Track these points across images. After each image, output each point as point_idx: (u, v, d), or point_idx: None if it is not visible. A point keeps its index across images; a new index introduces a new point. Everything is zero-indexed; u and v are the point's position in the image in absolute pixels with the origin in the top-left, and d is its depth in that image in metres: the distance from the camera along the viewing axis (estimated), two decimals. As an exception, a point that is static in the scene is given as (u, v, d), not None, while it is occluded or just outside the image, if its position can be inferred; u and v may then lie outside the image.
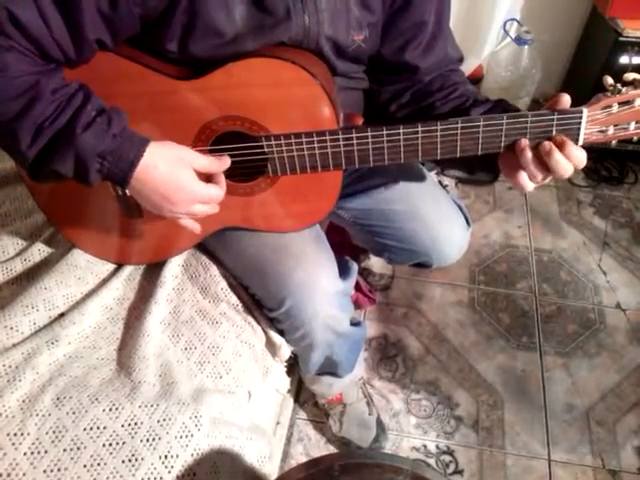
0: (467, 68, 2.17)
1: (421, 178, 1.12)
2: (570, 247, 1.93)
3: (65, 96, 0.72)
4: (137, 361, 0.90)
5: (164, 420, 0.81)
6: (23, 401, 0.81)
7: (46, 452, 0.76)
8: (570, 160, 0.80)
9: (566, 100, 0.82)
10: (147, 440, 0.79)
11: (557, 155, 0.80)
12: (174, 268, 1.04)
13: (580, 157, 0.81)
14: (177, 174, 0.79)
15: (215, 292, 1.03)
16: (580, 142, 0.83)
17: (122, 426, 0.80)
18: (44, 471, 0.75)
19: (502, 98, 0.94)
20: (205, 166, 0.82)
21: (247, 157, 0.87)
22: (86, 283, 1.01)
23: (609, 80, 0.80)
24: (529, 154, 0.81)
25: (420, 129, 0.83)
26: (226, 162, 0.85)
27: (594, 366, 1.58)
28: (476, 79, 2.28)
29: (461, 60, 1.05)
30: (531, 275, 1.83)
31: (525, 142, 0.82)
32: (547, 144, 0.81)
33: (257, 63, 0.80)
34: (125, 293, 1.03)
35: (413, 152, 0.85)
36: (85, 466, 0.76)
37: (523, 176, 0.83)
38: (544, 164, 0.81)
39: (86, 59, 0.78)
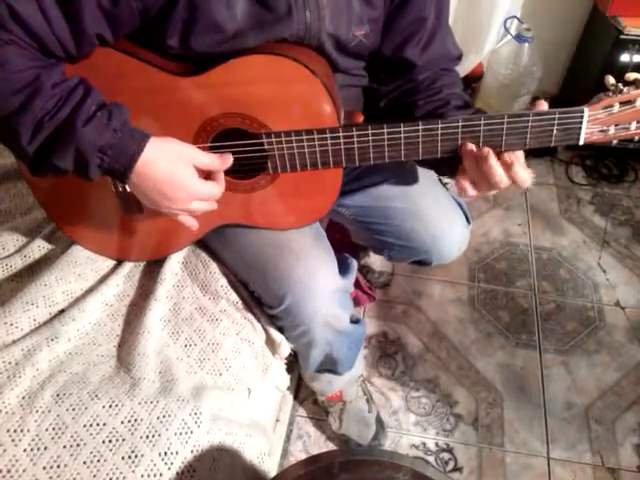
0: (467, 66, 2.17)
1: (421, 176, 1.12)
2: (570, 245, 1.93)
3: (65, 90, 0.72)
4: (137, 358, 0.90)
5: (164, 417, 0.81)
6: (23, 398, 0.81)
7: (46, 448, 0.76)
8: (514, 180, 0.83)
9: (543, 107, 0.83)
10: (147, 437, 0.79)
11: (491, 160, 0.81)
12: (174, 265, 1.04)
13: (524, 177, 0.83)
14: (177, 171, 0.78)
15: (215, 289, 1.03)
16: (581, 141, 0.83)
17: (122, 423, 0.80)
18: (44, 467, 0.75)
19: (479, 108, 0.95)
20: (207, 164, 0.82)
21: (247, 154, 0.87)
22: (86, 280, 1.01)
23: (610, 80, 0.80)
24: (473, 161, 0.83)
25: (421, 127, 0.83)
26: (228, 160, 0.84)
27: (593, 364, 1.58)
28: (476, 77, 2.28)
29: (460, 58, 1.05)
30: (531, 273, 1.83)
31: (470, 146, 0.83)
32: (485, 149, 0.82)
33: (258, 60, 0.80)
34: (125, 290, 1.03)
35: (413, 150, 0.85)
36: (85, 462, 0.76)
37: (464, 179, 0.85)
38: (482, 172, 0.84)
39: (86, 54, 0.78)
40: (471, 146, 0.83)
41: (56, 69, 0.74)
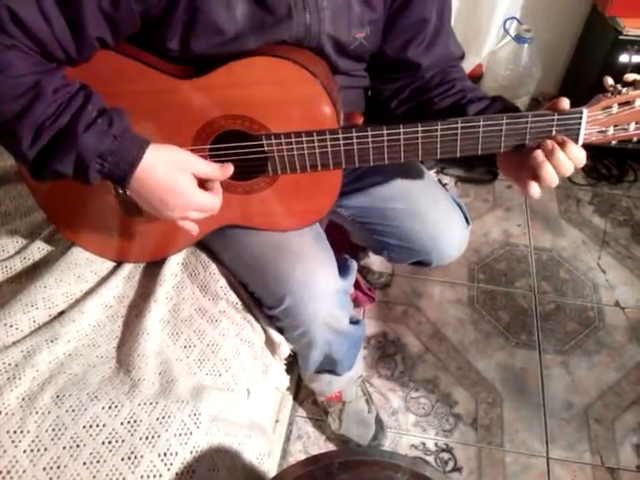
0: (467, 66, 2.17)
1: (421, 176, 1.13)
2: (569, 245, 1.94)
3: (66, 96, 0.72)
4: (136, 359, 0.90)
5: (163, 418, 0.81)
6: (23, 399, 0.81)
7: (46, 450, 0.76)
8: (571, 159, 0.80)
9: (565, 104, 0.82)
10: (146, 438, 0.79)
11: (559, 154, 0.80)
12: (174, 266, 1.05)
13: (580, 156, 0.81)
14: (175, 178, 0.79)
15: (214, 290, 1.03)
16: (580, 142, 0.83)
17: (121, 424, 0.80)
18: (44, 469, 0.75)
19: (500, 95, 0.94)
20: (206, 173, 0.82)
21: (247, 156, 0.87)
22: (86, 281, 1.01)
23: (609, 81, 0.80)
24: (549, 166, 0.80)
25: (420, 129, 0.83)
26: (228, 170, 0.84)
27: (593, 364, 1.58)
28: (476, 78, 2.28)
29: (462, 57, 1.05)
30: (530, 273, 1.83)
31: (542, 157, 0.81)
32: (549, 143, 0.81)
33: (258, 62, 0.80)
34: (125, 291, 1.03)
35: (413, 152, 0.85)
36: (85, 464, 0.76)
37: (535, 186, 0.83)
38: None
39: (87, 57, 0.78)
40: (538, 151, 0.81)
41: (57, 74, 0.74)
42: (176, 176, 0.79)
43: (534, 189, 0.83)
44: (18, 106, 0.69)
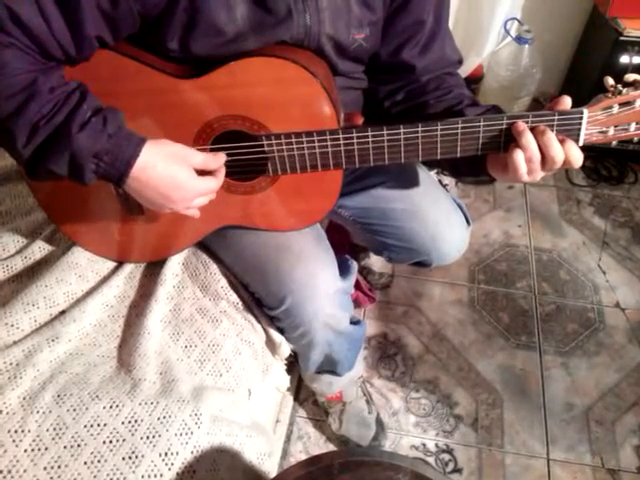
0: (467, 67, 2.17)
1: (421, 177, 1.12)
2: (570, 246, 1.94)
3: (62, 95, 0.72)
4: (137, 359, 0.90)
5: (164, 418, 0.81)
6: (24, 398, 0.81)
7: (47, 449, 0.76)
8: (567, 155, 0.80)
9: (567, 102, 0.82)
10: (147, 437, 0.79)
11: (550, 134, 0.79)
12: (174, 266, 1.05)
13: (576, 154, 0.80)
14: (175, 172, 0.79)
15: (215, 290, 1.04)
16: (580, 143, 0.83)
17: (122, 423, 0.80)
18: (44, 468, 0.75)
19: (496, 104, 0.93)
20: (202, 162, 0.83)
21: (247, 156, 0.87)
22: (87, 281, 1.01)
23: (610, 81, 0.80)
24: (529, 134, 0.80)
25: (420, 129, 0.83)
26: (221, 158, 0.85)
27: (593, 365, 1.58)
28: (476, 78, 2.28)
29: (460, 62, 1.05)
30: (531, 274, 1.83)
31: (523, 124, 0.81)
32: (542, 125, 0.80)
33: (258, 62, 0.80)
34: (126, 291, 1.03)
35: (413, 152, 0.85)
36: (85, 463, 0.76)
37: (520, 155, 0.80)
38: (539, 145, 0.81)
39: (86, 57, 0.78)
40: (523, 124, 0.81)
41: (55, 73, 0.74)
42: (175, 170, 0.79)
43: (519, 158, 0.81)
44: (13, 104, 0.69)
